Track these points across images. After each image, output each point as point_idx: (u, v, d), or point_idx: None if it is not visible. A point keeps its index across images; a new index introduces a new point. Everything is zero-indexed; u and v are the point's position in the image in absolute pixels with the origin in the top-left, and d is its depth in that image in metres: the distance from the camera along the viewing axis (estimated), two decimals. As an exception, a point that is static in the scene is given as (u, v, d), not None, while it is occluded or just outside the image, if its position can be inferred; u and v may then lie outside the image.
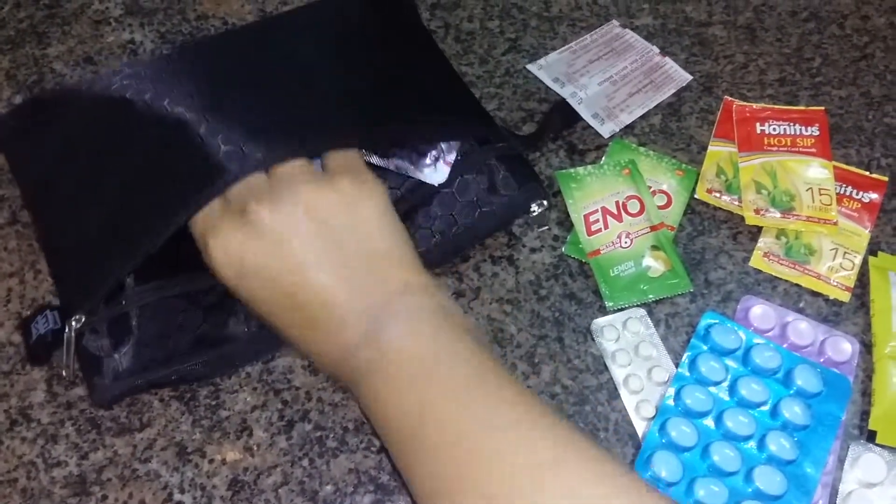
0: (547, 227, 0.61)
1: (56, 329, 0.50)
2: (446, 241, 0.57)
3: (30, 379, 0.54)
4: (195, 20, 0.70)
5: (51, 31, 0.69)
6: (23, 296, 0.57)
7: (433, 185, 0.57)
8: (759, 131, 0.65)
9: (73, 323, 0.49)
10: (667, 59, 0.70)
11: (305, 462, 0.52)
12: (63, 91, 0.58)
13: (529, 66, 0.69)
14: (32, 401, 0.53)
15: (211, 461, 0.52)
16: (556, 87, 0.68)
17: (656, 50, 0.70)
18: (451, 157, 0.57)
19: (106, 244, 0.51)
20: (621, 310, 0.58)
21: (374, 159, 0.56)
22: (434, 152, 0.57)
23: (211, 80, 0.56)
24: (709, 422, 0.53)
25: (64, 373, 0.52)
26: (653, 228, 0.60)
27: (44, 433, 0.52)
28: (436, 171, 0.57)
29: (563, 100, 0.67)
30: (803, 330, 0.57)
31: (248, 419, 0.53)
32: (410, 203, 0.57)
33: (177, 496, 0.50)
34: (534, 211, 0.59)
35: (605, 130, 0.66)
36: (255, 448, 0.52)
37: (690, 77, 0.69)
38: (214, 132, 0.51)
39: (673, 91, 0.68)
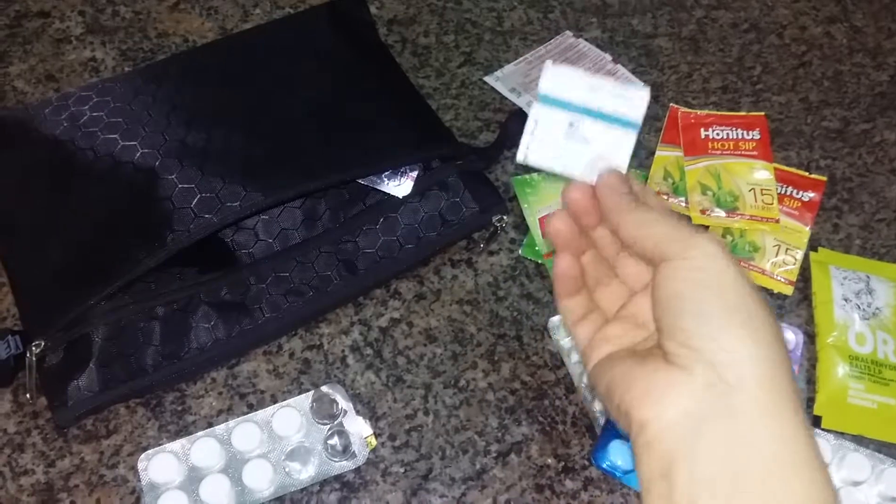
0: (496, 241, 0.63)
1: (17, 354, 0.51)
2: (410, 250, 0.59)
3: (-5, 390, 0.54)
4: (156, 38, 0.71)
5: (12, 49, 0.70)
6: (-13, 308, 0.57)
7: (398, 197, 0.59)
8: (703, 136, 0.68)
9: (34, 348, 0.50)
10: (619, 66, 0.73)
11: (272, 463, 0.53)
12: (24, 114, 0.59)
13: (486, 78, 0.71)
14: (-2, 411, 0.53)
15: (178, 465, 0.52)
16: (512, 97, 0.70)
17: (608, 57, 0.73)
18: (415, 173, 0.59)
19: (68, 279, 0.52)
20: (576, 308, 0.60)
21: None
22: (400, 167, 0.59)
23: (178, 115, 0.58)
24: (662, 412, 0.56)
25: (28, 396, 0.53)
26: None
27: (10, 442, 0.52)
28: (400, 185, 0.59)
29: (519, 109, 0.69)
30: (749, 322, 0.59)
31: (214, 423, 0.54)
32: (377, 213, 0.59)
33: (144, 500, 0.51)
34: (494, 224, 0.61)
35: (557, 137, 0.68)
36: (221, 451, 0.53)
37: (642, 83, 0.72)
38: (180, 179, 0.54)
39: (623, 98, 0.71)
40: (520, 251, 0.63)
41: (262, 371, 0.56)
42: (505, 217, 0.61)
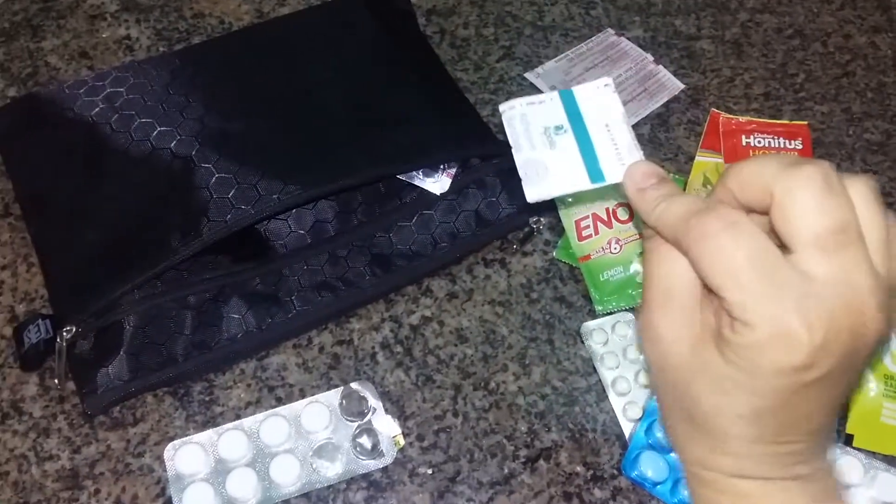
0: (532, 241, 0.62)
1: (48, 338, 0.51)
2: (444, 248, 0.58)
3: (22, 373, 0.53)
4: (191, 18, 0.70)
5: (46, 24, 0.69)
6: (15, 288, 0.56)
7: (435, 194, 0.58)
8: (744, 143, 0.67)
9: (65, 333, 0.49)
10: (660, 67, 0.71)
11: (299, 458, 0.52)
12: (60, 93, 0.58)
13: (527, 75, 0.70)
14: (25, 394, 0.53)
15: (204, 456, 0.52)
16: (551, 95, 0.69)
17: (650, 58, 0.72)
18: (454, 170, 0.58)
19: (102, 265, 0.51)
20: (610, 313, 0.59)
21: None
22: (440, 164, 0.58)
23: (217, 102, 0.57)
24: (694, 425, 0.55)
25: (56, 382, 0.52)
26: (641, 235, 0.61)
27: (36, 427, 0.52)
28: (437, 181, 0.58)
29: None
30: (786, 337, 0.59)
31: (242, 415, 0.53)
32: (412, 209, 0.58)
33: (170, 491, 0.51)
34: (530, 226, 0.60)
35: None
36: (248, 444, 0.53)
37: (683, 86, 0.71)
38: (218, 168, 0.53)
39: (666, 99, 0.70)
40: (554, 253, 0.62)
41: (291, 364, 0.56)
42: (542, 219, 0.60)
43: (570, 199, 0.62)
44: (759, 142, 0.67)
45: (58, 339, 0.49)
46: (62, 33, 0.68)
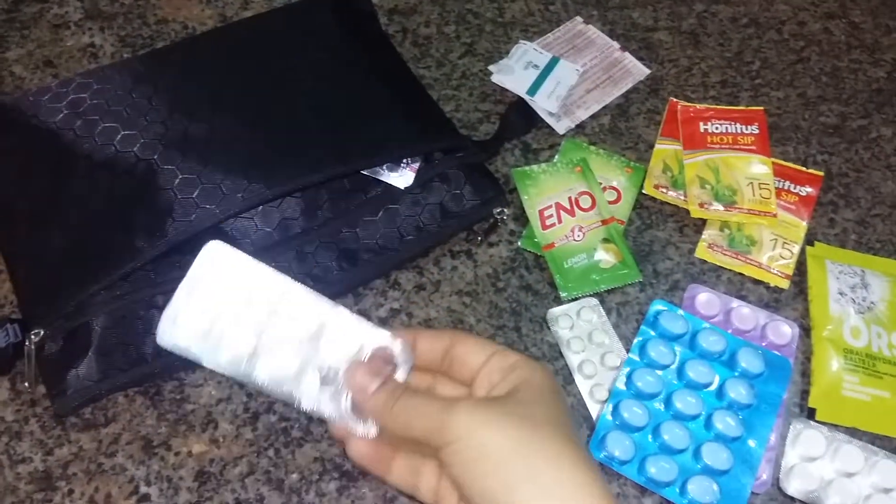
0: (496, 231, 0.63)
1: (17, 342, 0.51)
2: (411, 241, 0.59)
3: (-7, 377, 0.54)
4: (155, 24, 0.71)
5: (10, 34, 0.69)
6: (-15, 295, 0.57)
7: (399, 188, 0.59)
8: (702, 130, 0.68)
9: (33, 336, 0.50)
10: (626, 54, 0.73)
11: (271, 452, 0.53)
12: (24, 100, 0.58)
13: (491, 67, 0.71)
14: (-4, 398, 0.53)
15: (177, 454, 0.52)
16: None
17: (616, 45, 0.73)
18: (417, 165, 0.59)
19: (68, 267, 0.52)
20: (575, 300, 0.60)
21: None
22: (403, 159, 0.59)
23: (180, 104, 0.57)
24: (659, 403, 0.56)
25: (27, 385, 0.53)
26: (604, 222, 0.63)
27: (8, 430, 0.52)
28: (402, 176, 0.59)
29: (519, 98, 0.69)
30: (746, 315, 0.60)
31: (213, 412, 0.54)
32: (378, 204, 0.59)
33: (143, 489, 0.51)
34: (494, 217, 0.61)
35: (561, 127, 0.68)
36: (220, 440, 0.53)
37: (648, 71, 0.72)
38: (182, 169, 0.54)
39: (630, 85, 0.71)
40: (519, 243, 0.63)
41: (261, 360, 0.56)
42: (505, 209, 0.61)
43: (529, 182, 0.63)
44: (717, 128, 0.68)
45: (27, 343, 0.49)
46: (26, 43, 0.69)
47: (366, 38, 0.67)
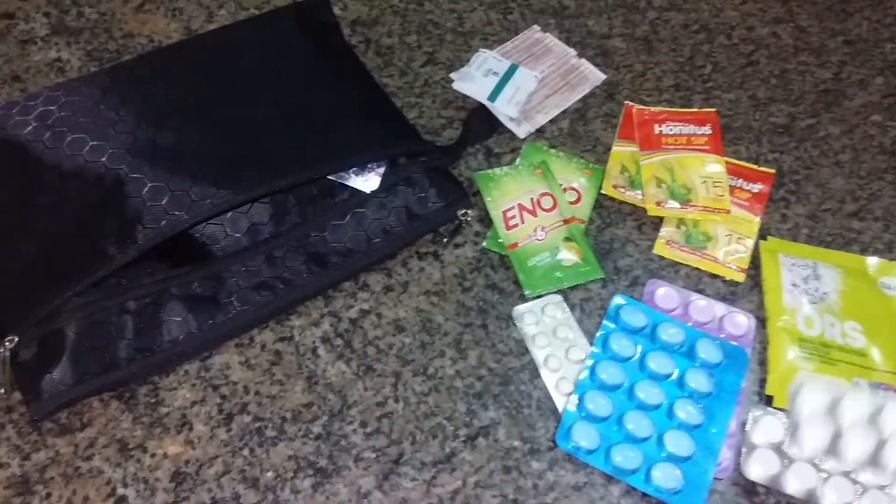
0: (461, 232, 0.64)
1: None
2: (378, 244, 0.61)
3: (-33, 386, 0.54)
4: (121, 38, 0.72)
5: (-24, 51, 0.70)
6: (-43, 306, 0.57)
7: (366, 192, 0.60)
8: (657, 132, 0.71)
9: (7, 343, 0.51)
10: (583, 60, 0.75)
11: (246, 451, 0.54)
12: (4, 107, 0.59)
13: (452, 75, 0.73)
14: (-29, 407, 0.54)
15: (153, 456, 0.53)
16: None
17: (573, 52, 0.76)
18: (382, 169, 0.61)
19: (40, 275, 0.53)
20: (539, 297, 0.62)
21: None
22: (368, 164, 0.61)
23: (147, 115, 0.59)
24: (622, 394, 0.58)
25: (2, 390, 0.54)
26: (565, 222, 0.65)
27: (-17, 438, 0.53)
28: (367, 180, 0.61)
29: (481, 105, 0.71)
30: (704, 308, 0.62)
31: (187, 414, 0.55)
32: (345, 208, 0.60)
33: (120, 490, 0.52)
34: (459, 218, 0.63)
35: (522, 132, 0.70)
36: (195, 441, 0.54)
37: (605, 76, 0.74)
38: (151, 177, 0.55)
39: (588, 90, 0.74)
40: (484, 243, 0.65)
41: (234, 363, 0.57)
42: (469, 211, 0.63)
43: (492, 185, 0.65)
44: (671, 129, 0.71)
45: (0, 349, 0.50)
46: (-7, 59, 0.70)
47: (329, 48, 0.69)
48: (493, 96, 0.71)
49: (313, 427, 0.55)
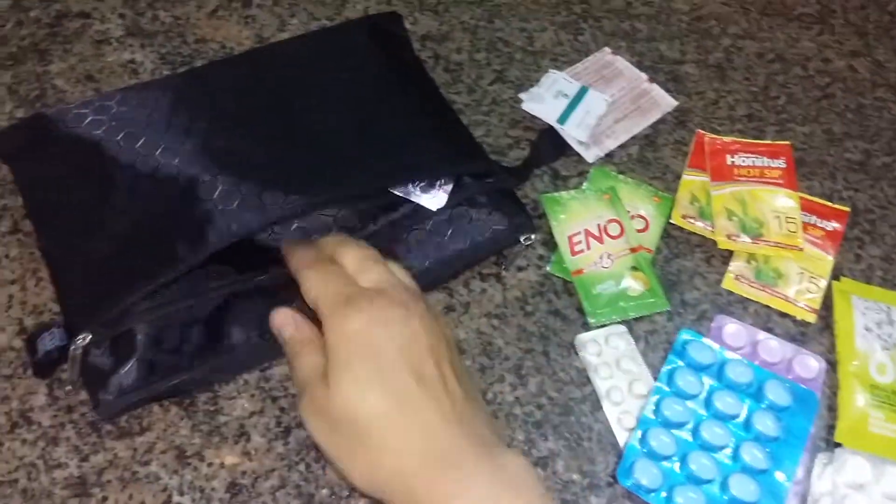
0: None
1: (62, 346, 0.51)
2: (437, 265, 0.60)
3: (31, 383, 0.55)
4: (194, 43, 0.72)
5: (52, 48, 0.71)
6: (24, 302, 0.58)
7: (428, 211, 0.60)
8: (729, 162, 0.69)
9: (80, 341, 0.50)
10: (654, 85, 0.74)
11: (302, 467, 0.54)
12: (68, 111, 0.59)
13: (521, 95, 0.73)
14: (34, 404, 0.54)
15: (210, 465, 0.53)
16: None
17: (644, 77, 0.75)
18: (449, 187, 0.60)
19: (112, 275, 0.53)
20: (603, 326, 0.61)
21: None
22: (435, 180, 0.60)
23: (219, 121, 0.59)
24: (686, 433, 0.56)
25: (70, 387, 0.54)
26: (632, 250, 0.64)
27: (44, 436, 0.53)
28: (434, 197, 0.60)
29: (550, 127, 0.70)
30: (773, 348, 0.61)
31: (245, 425, 0.55)
32: (408, 225, 0.60)
33: (176, 498, 0.52)
34: (521, 243, 0.62)
35: (591, 156, 0.69)
36: (252, 453, 0.54)
37: (676, 103, 0.73)
38: (223, 182, 0.55)
39: (658, 116, 0.72)
40: (548, 268, 0.64)
41: (293, 376, 0.57)
42: (532, 236, 0.62)
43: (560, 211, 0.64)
44: (744, 161, 0.69)
45: (72, 347, 0.50)
46: (69, 57, 0.70)
47: (400, 62, 0.68)
48: (562, 119, 0.70)
49: (370, 446, 0.55)
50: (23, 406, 0.54)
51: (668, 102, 0.74)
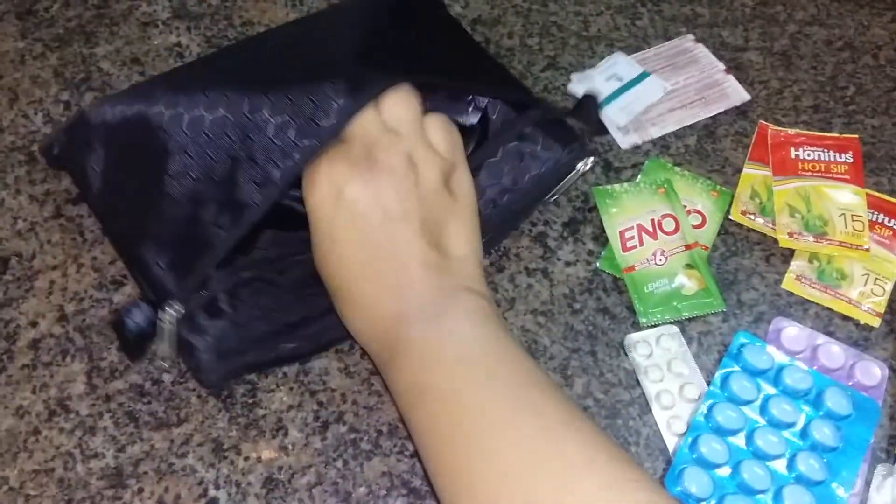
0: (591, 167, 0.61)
1: (152, 321, 0.50)
2: (498, 210, 0.58)
3: (69, 371, 0.54)
4: (240, 25, 0.71)
5: (99, 31, 0.70)
6: (65, 288, 0.57)
7: (480, 158, 0.58)
8: (793, 156, 0.66)
9: (173, 312, 0.50)
10: (730, 76, 0.71)
11: (339, 463, 0.52)
12: (120, 99, 0.58)
13: (573, 75, 0.70)
14: (72, 392, 0.54)
15: (246, 458, 0.52)
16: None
17: (721, 67, 0.71)
18: (483, 102, 0.59)
19: (191, 237, 0.52)
20: (654, 326, 0.59)
21: None
22: (467, 98, 0.60)
23: (252, 69, 0.57)
24: (739, 440, 0.54)
25: (166, 363, 0.54)
26: (687, 247, 0.61)
27: (82, 425, 0.53)
28: (468, 115, 0.60)
29: (593, 96, 0.66)
30: (834, 353, 0.57)
31: (283, 419, 0.54)
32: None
33: (212, 492, 0.51)
34: (579, 170, 0.60)
35: (626, 142, 0.67)
36: (290, 447, 0.53)
37: (749, 97, 0.70)
38: (269, 114, 0.52)
39: (722, 109, 0.69)
40: (598, 264, 0.61)
41: (333, 369, 0.56)
42: (591, 158, 0.60)
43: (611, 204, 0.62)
44: (809, 154, 0.66)
45: (166, 318, 0.49)
46: (115, 40, 0.70)
47: (448, 20, 0.67)
48: (606, 102, 0.67)
49: (408, 444, 0.53)
50: (61, 394, 0.53)
51: (740, 96, 0.70)
